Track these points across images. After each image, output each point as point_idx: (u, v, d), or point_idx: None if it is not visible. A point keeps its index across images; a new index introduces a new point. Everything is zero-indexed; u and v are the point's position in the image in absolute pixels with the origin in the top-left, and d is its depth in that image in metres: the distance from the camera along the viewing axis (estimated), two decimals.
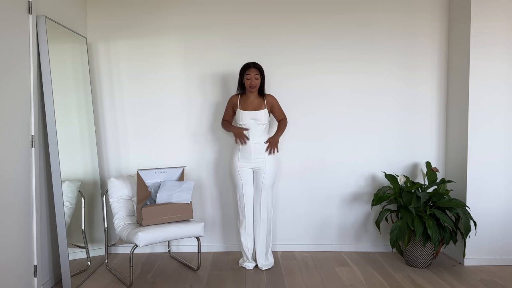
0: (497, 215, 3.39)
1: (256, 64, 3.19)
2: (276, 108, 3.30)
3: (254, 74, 3.14)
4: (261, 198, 3.23)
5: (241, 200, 3.24)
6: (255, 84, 3.15)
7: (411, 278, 3.10)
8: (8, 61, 2.41)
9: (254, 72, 3.14)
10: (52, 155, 2.76)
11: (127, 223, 3.09)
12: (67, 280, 2.81)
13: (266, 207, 3.25)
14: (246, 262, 3.29)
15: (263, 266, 3.25)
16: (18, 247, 2.51)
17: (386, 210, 3.39)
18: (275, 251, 3.68)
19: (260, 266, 3.26)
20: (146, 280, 3.06)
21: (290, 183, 3.70)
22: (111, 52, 3.62)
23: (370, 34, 3.65)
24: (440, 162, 3.72)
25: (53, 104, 2.76)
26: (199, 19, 3.62)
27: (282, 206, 3.71)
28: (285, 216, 3.72)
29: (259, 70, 3.17)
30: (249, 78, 3.14)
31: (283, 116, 3.37)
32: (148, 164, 3.63)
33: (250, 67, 3.16)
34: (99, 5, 3.59)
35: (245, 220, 3.24)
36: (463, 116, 3.41)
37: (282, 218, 3.72)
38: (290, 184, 3.70)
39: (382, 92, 3.68)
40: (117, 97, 3.64)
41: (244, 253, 3.29)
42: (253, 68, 3.15)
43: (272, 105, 3.27)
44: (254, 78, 3.14)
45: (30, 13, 2.63)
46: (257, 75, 3.15)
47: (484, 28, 3.30)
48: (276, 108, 3.31)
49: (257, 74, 3.15)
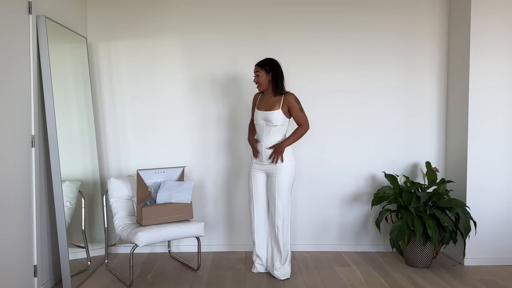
0: (497, 215, 3.39)
1: (261, 61, 3.05)
2: (293, 110, 2.98)
3: (255, 71, 3.06)
4: (275, 203, 3.02)
5: (252, 203, 3.14)
6: (257, 81, 3.04)
7: (411, 278, 3.10)
8: (8, 61, 2.41)
9: (255, 69, 3.06)
10: (52, 155, 2.76)
11: (127, 223, 3.09)
12: (67, 280, 2.81)
13: (280, 213, 3.01)
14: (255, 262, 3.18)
15: (280, 275, 3.06)
16: (18, 247, 2.51)
17: (386, 210, 3.39)
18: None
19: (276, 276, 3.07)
20: (146, 280, 3.06)
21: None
22: (111, 52, 3.62)
23: (370, 34, 3.65)
24: (440, 162, 3.72)
25: (53, 104, 2.76)
26: (198, 19, 3.62)
27: None
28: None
29: (261, 67, 3.02)
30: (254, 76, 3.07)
31: (301, 121, 3.01)
32: (148, 164, 3.63)
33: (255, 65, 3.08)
34: (99, 5, 3.59)
35: (256, 226, 3.13)
36: (463, 116, 3.41)
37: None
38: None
39: (382, 92, 3.68)
40: (117, 97, 3.64)
41: (259, 258, 3.17)
42: (256, 66, 3.07)
43: (289, 106, 2.97)
44: (255, 76, 3.05)
45: (30, 13, 2.63)
46: (258, 72, 3.01)
47: (484, 27, 3.30)
48: (294, 110, 2.98)
49: (258, 71, 3.02)
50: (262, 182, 3.13)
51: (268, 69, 3.02)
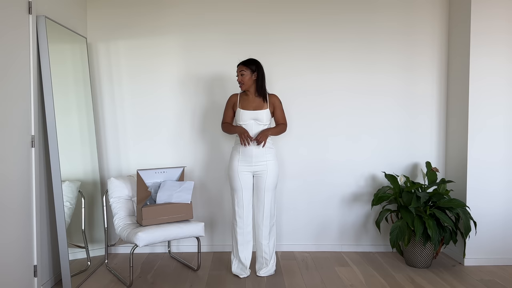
0: (497, 215, 3.39)
1: (245, 60, 3.04)
2: (278, 110, 3.10)
3: (239, 70, 3.01)
4: (264, 203, 3.06)
5: (240, 205, 3.08)
6: (240, 80, 3.01)
7: (411, 278, 3.10)
8: (8, 61, 2.41)
9: (240, 69, 3.01)
10: (52, 155, 2.76)
11: (127, 223, 3.09)
12: (67, 280, 2.81)
13: (269, 212, 3.08)
14: (242, 271, 3.12)
15: (265, 273, 3.12)
16: (18, 247, 2.51)
17: (386, 210, 3.39)
18: (275, 251, 3.68)
19: (261, 274, 3.11)
20: (146, 280, 3.06)
21: (290, 183, 3.70)
22: (111, 52, 3.62)
23: (370, 34, 3.65)
24: (440, 162, 3.72)
25: (53, 104, 2.76)
26: (198, 18, 3.62)
27: (283, 206, 3.71)
28: (285, 216, 3.72)
29: (246, 66, 3.00)
30: (237, 75, 3.04)
31: (283, 121, 3.13)
32: (148, 164, 3.63)
33: (239, 64, 3.05)
34: (99, 5, 3.59)
35: (244, 226, 3.09)
36: (463, 116, 3.41)
37: (282, 218, 3.71)
38: (290, 184, 3.70)
39: (382, 92, 3.68)
40: (117, 97, 3.64)
41: (241, 262, 3.12)
42: (240, 65, 3.02)
43: (274, 106, 3.08)
44: (240, 75, 3.00)
45: (30, 13, 2.63)
46: (243, 71, 2.99)
47: (484, 27, 3.30)
48: (278, 111, 3.11)
49: (243, 70, 2.99)
50: (250, 185, 3.09)
51: (254, 69, 3.02)
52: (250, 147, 3.01)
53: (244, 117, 3.02)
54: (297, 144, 3.68)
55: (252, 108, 3.04)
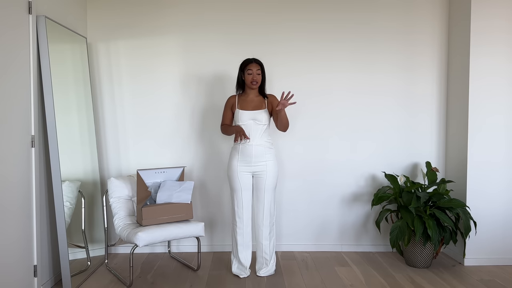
0: (497, 215, 3.38)
1: (257, 59, 3.05)
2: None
3: (256, 69, 2.99)
4: (264, 204, 3.05)
5: (239, 206, 3.07)
6: (257, 80, 2.99)
7: (411, 278, 3.10)
8: (8, 61, 2.41)
9: (256, 67, 2.99)
10: (52, 155, 2.76)
11: (127, 223, 3.09)
12: (67, 280, 2.81)
13: (269, 212, 3.08)
14: (242, 271, 3.12)
15: (265, 273, 3.11)
16: (18, 247, 2.51)
17: (386, 210, 3.39)
18: (275, 251, 3.68)
19: (262, 274, 3.11)
20: (146, 280, 3.06)
21: (290, 183, 3.70)
22: (111, 52, 3.62)
23: (370, 33, 3.65)
24: (440, 162, 3.72)
25: (53, 104, 2.76)
26: (198, 18, 3.62)
27: (282, 207, 3.71)
28: (285, 216, 3.72)
29: (260, 66, 3.03)
30: (251, 73, 2.98)
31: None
32: (148, 164, 3.63)
33: (252, 62, 3.01)
34: (99, 5, 3.59)
35: (243, 227, 3.08)
36: (463, 116, 3.41)
37: (282, 218, 3.71)
38: (290, 184, 3.70)
39: (382, 92, 3.68)
40: (117, 97, 3.64)
41: (241, 263, 3.12)
42: (255, 63, 3.00)
43: (273, 106, 3.06)
44: (256, 74, 2.98)
45: (30, 13, 2.63)
46: (259, 70, 3.00)
47: (484, 27, 3.29)
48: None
49: (259, 69, 3.00)
50: (250, 185, 3.09)
51: (264, 69, 3.07)
52: (249, 147, 3.00)
53: (243, 118, 3.02)
54: (297, 144, 3.68)
55: (251, 108, 3.05)
